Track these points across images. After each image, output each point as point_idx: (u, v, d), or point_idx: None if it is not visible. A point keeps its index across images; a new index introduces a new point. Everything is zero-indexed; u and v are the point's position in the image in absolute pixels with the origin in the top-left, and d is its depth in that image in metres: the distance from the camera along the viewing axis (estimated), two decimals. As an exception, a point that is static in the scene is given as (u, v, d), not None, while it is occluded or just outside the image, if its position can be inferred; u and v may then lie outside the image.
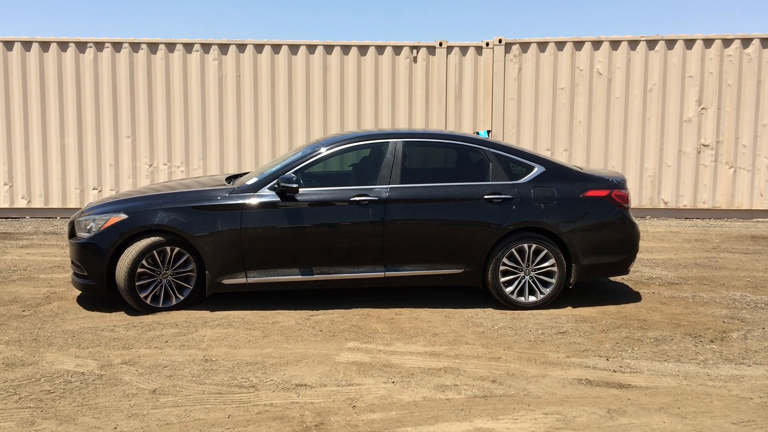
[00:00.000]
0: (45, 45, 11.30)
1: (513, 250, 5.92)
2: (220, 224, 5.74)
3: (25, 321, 5.59)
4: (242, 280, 5.83)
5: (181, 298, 5.86)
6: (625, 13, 35.68)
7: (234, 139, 11.53)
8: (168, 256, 5.76)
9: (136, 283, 5.68)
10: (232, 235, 5.74)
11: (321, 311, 5.87)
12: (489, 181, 6.06)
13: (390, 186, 5.93)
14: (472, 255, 5.95)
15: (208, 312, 5.80)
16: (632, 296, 6.48)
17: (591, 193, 6.07)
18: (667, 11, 35.67)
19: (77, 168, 11.43)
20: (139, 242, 5.70)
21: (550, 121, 11.59)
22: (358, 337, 5.23)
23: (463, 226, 5.93)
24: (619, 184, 6.19)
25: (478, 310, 5.97)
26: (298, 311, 5.86)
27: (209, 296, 5.97)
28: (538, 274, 5.99)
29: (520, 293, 5.99)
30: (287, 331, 5.35)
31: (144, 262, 5.68)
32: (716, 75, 11.30)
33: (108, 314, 5.78)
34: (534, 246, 5.93)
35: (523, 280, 5.99)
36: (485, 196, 5.95)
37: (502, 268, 5.94)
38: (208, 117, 11.52)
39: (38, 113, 11.33)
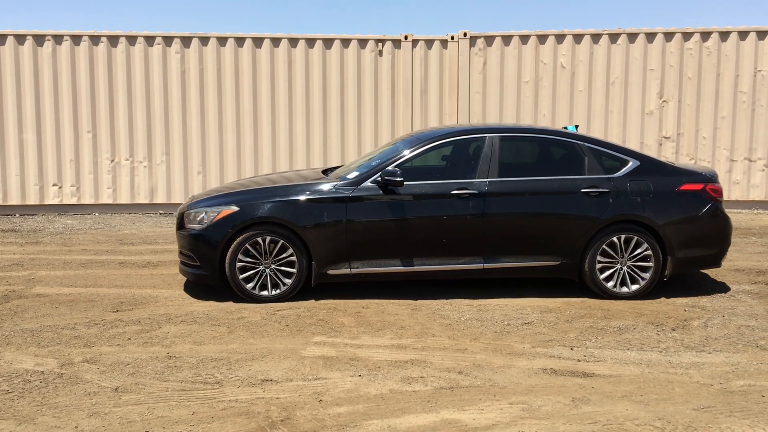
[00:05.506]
0: (1, 38, 10.99)
1: (609, 242, 6.04)
2: (327, 216, 5.95)
3: (-18, 320, 5.46)
4: (346, 271, 6.00)
5: (287, 287, 5.98)
6: (592, 7, 36.08)
7: (198, 134, 11.36)
8: (275, 246, 5.93)
9: (242, 274, 5.90)
10: (337, 227, 5.93)
11: (287, 305, 5.83)
12: (585, 174, 6.19)
13: (489, 180, 6.07)
14: (570, 247, 6.06)
15: (171, 308, 5.73)
16: (596, 286, 6.55)
17: (686, 186, 6.19)
18: (635, 6, 36.15)
19: (36, 164, 11.16)
20: (247, 233, 5.89)
21: (515, 114, 11.65)
22: (325, 331, 5.21)
23: (561, 219, 6.08)
24: (712, 178, 6.33)
25: (444, 301, 5.99)
26: (263, 305, 5.82)
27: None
28: (634, 265, 6.09)
29: (617, 284, 6.09)
30: (253, 326, 5.31)
31: (251, 252, 5.91)
32: (677, 68, 11.48)
33: (68, 313, 5.67)
34: (631, 238, 6.04)
35: (620, 272, 6.08)
36: (582, 190, 6.07)
37: (598, 259, 6.04)
38: (170, 112, 11.32)
39: (-5, 108, 11.03)
